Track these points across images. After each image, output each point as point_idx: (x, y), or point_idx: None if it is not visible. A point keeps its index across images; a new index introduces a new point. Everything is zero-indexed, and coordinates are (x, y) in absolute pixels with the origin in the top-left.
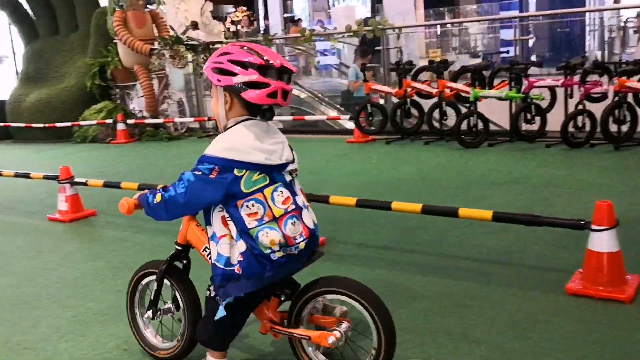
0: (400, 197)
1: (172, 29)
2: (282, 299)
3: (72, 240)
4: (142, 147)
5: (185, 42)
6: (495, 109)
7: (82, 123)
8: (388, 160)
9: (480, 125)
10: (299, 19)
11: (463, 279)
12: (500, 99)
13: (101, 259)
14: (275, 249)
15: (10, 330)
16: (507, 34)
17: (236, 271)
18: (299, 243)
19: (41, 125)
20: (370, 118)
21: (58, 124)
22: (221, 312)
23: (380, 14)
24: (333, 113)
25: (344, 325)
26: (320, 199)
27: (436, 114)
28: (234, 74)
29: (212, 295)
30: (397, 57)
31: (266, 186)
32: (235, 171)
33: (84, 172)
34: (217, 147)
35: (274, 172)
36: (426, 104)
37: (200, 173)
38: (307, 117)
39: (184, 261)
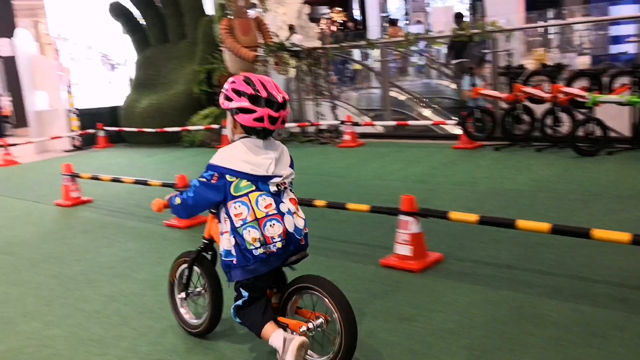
0: (518, 211)
1: (276, 35)
2: (275, 291)
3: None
4: None
5: (289, 49)
6: (612, 113)
7: (190, 128)
8: (499, 168)
9: (598, 132)
10: (397, 20)
11: (599, 305)
12: (621, 104)
13: (220, 269)
14: (257, 245)
15: (138, 340)
16: (619, 31)
17: (233, 262)
18: (276, 242)
19: (152, 129)
20: (479, 123)
21: (168, 129)
22: (237, 301)
23: (479, 14)
24: (430, 114)
25: (320, 320)
26: (439, 215)
27: (548, 119)
28: (231, 100)
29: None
30: (506, 61)
31: (252, 191)
32: (227, 177)
33: (195, 177)
34: (217, 157)
35: (259, 182)
36: (538, 108)
37: (204, 179)
38: (411, 123)
39: (210, 252)
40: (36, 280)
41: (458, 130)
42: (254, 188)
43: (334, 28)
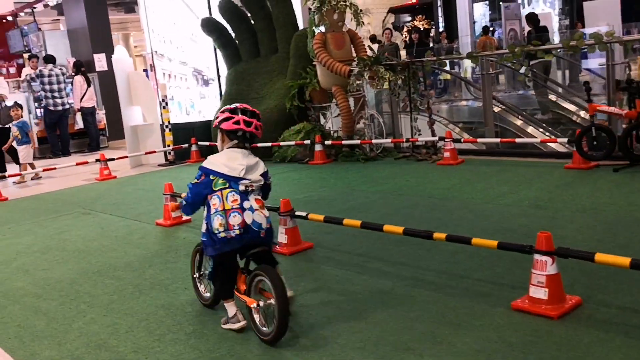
0: None
1: (371, 49)
2: (245, 274)
3: (298, 278)
4: (339, 169)
5: (384, 62)
6: None
7: (282, 143)
8: (624, 193)
9: None
10: (488, 28)
11: None
12: None
13: (331, 304)
14: (220, 230)
15: None
16: None
17: (206, 242)
18: (235, 229)
19: None
20: (594, 142)
21: (259, 144)
22: (208, 269)
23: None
24: (533, 129)
25: (270, 300)
26: (584, 257)
27: None
28: (218, 118)
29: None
30: (626, 74)
31: (225, 188)
32: (210, 176)
33: (290, 195)
34: (206, 162)
35: (232, 181)
36: None
37: (196, 180)
38: (518, 141)
39: None
40: (145, 310)
41: (563, 148)
42: (227, 186)
43: (415, 36)
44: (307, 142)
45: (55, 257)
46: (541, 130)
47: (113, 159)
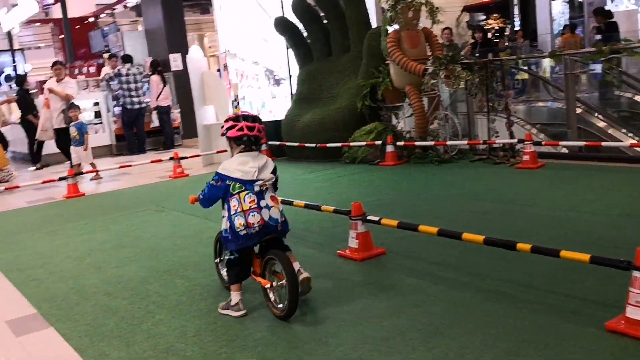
0: None
1: (447, 44)
2: (260, 259)
3: (368, 287)
4: (411, 171)
5: (461, 62)
6: None
7: (352, 144)
8: None
9: None
10: (570, 25)
11: None
12: None
13: (404, 315)
14: (241, 228)
15: None
16: None
17: (229, 238)
18: (255, 227)
19: (312, 144)
20: None
21: (329, 144)
22: (227, 256)
23: None
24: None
25: (282, 281)
26: None
27: None
28: (223, 127)
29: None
30: None
31: (242, 191)
32: (227, 182)
33: (360, 197)
34: (221, 168)
35: (247, 184)
36: None
37: (213, 182)
38: (604, 144)
39: None
40: (212, 313)
41: None
42: (243, 188)
43: (478, 35)
44: (379, 142)
45: (127, 254)
46: (630, 134)
47: (186, 158)
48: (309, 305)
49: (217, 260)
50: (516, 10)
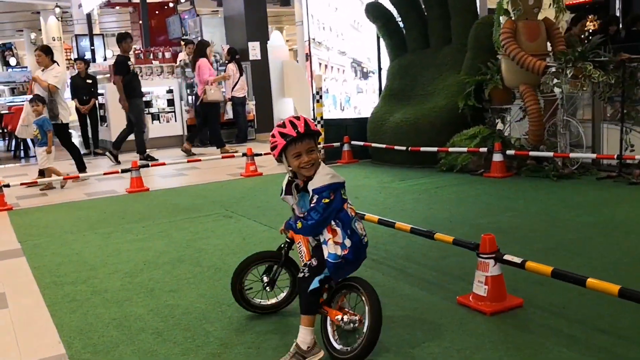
0: None
1: (577, 41)
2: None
3: (507, 353)
4: (525, 186)
5: (592, 59)
6: None
7: (451, 150)
8: None
9: None
10: None
11: None
12: None
13: None
14: (364, 233)
15: None
16: None
17: (342, 262)
18: (365, 235)
19: (403, 147)
20: None
21: (423, 148)
22: (315, 284)
23: None
24: None
25: (355, 317)
26: None
27: None
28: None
29: (305, 276)
30: None
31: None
32: (341, 190)
33: (470, 219)
34: (326, 178)
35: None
36: None
37: (326, 200)
38: None
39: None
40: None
41: None
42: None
43: (612, 29)
44: (484, 150)
45: (186, 273)
46: None
47: (260, 155)
48: None
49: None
50: (618, 9)
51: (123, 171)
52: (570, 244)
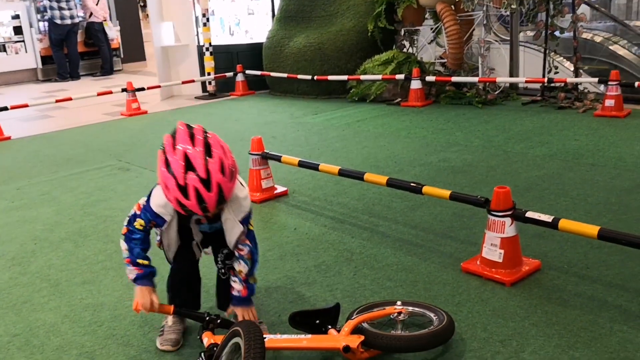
0: None
1: None
2: None
3: (550, 338)
4: (453, 115)
5: None
6: None
7: (363, 77)
8: None
9: None
10: None
11: None
12: None
13: None
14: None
15: None
16: None
17: None
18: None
19: (308, 77)
20: None
21: (330, 77)
22: None
23: None
24: None
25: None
26: None
27: None
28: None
29: None
30: None
31: None
32: None
33: (416, 157)
34: (246, 204)
35: None
36: None
37: (252, 227)
38: None
39: None
40: None
41: None
42: None
43: None
44: (401, 77)
45: (97, 254)
46: None
47: (143, 89)
48: None
49: None
50: None
51: None
52: (542, 182)
